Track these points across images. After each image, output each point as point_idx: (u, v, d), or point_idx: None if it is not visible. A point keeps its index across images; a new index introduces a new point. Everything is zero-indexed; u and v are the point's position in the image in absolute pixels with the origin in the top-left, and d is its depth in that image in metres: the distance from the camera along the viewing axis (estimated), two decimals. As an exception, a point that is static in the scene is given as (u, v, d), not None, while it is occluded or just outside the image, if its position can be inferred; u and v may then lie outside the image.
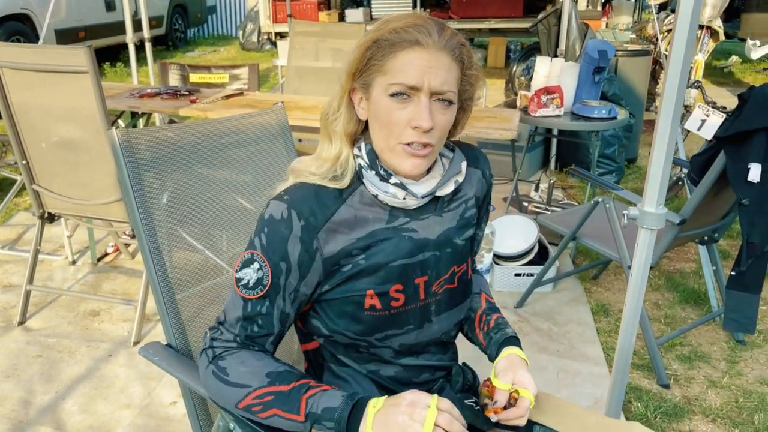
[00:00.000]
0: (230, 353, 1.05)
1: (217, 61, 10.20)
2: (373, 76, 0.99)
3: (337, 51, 4.35)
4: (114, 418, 2.08)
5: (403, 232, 1.07)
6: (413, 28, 0.96)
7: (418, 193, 1.04)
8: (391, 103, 0.98)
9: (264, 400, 1.00)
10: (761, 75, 8.37)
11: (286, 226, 1.00)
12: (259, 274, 1.02)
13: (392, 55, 0.97)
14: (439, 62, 0.97)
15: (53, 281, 3.00)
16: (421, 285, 1.10)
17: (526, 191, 4.13)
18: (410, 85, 0.96)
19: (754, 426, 2.10)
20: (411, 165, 1.01)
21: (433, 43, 0.96)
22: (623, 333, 1.58)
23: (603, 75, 3.20)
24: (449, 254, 1.12)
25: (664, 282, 3.08)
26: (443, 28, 0.99)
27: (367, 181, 1.05)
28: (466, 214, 1.15)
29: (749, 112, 1.91)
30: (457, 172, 1.09)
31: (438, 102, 0.99)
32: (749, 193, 1.96)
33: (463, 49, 1.00)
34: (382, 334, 1.09)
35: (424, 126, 0.96)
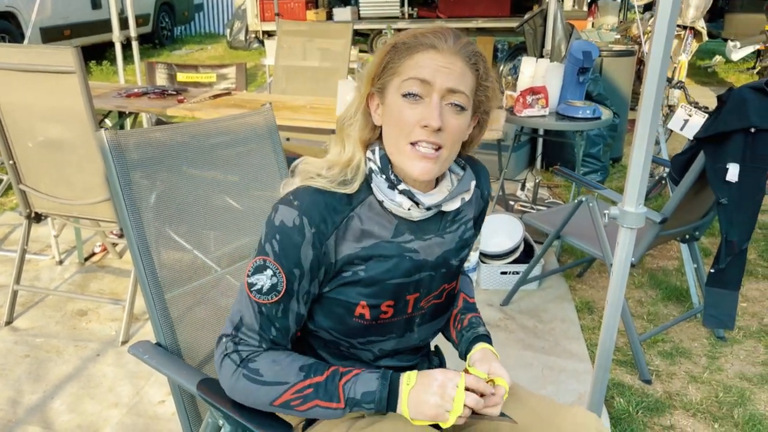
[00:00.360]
0: (258, 355, 1.06)
1: (204, 59, 10.16)
2: (389, 78, 1.02)
3: (325, 51, 4.36)
4: (102, 417, 2.09)
5: (405, 252, 1.09)
6: (431, 33, 1.00)
7: (425, 203, 1.06)
8: (403, 102, 1.00)
9: (303, 393, 1.03)
10: (744, 75, 8.48)
11: (299, 233, 1.02)
12: (273, 280, 1.04)
13: (408, 57, 1.00)
14: (454, 65, 0.99)
15: (40, 281, 3.00)
16: (411, 301, 1.13)
17: (512, 190, 4.17)
18: (422, 78, 0.99)
19: (733, 420, 2.15)
20: (421, 168, 1.02)
21: (448, 48, 0.99)
22: (605, 330, 1.62)
23: (587, 75, 3.24)
24: (443, 274, 1.15)
25: (647, 279, 3.13)
26: (460, 36, 1.02)
27: (375, 186, 1.06)
28: (465, 235, 1.17)
29: (727, 114, 1.95)
30: (465, 190, 1.11)
31: (449, 105, 1.01)
32: (727, 193, 2.01)
33: (479, 58, 1.02)
34: (365, 339, 1.13)
35: (433, 125, 0.98)
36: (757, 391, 2.30)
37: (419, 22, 9.16)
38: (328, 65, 4.30)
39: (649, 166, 1.48)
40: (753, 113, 1.94)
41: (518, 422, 1.17)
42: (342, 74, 4.22)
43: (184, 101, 3.13)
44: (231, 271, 1.53)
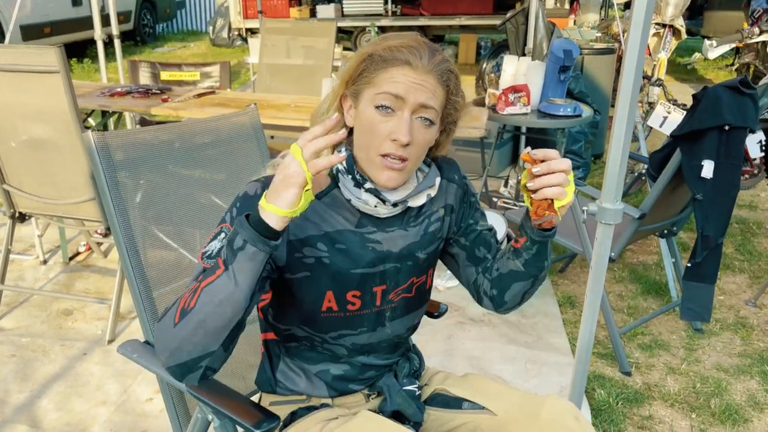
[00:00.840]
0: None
1: (187, 57, 10.11)
2: (363, 87, 1.05)
3: (309, 48, 4.38)
4: (90, 415, 2.10)
5: (367, 242, 1.12)
6: (407, 49, 1.03)
7: (390, 199, 1.09)
8: (375, 114, 1.03)
9: (192, 289, 0.97)
10: (723, 72, 8.61)
11: (258, 198, 1.01)
12: (223, 242, 1.03)
13: (383, 70, 1.03)
14: (426, 82, 1.03)
15: (25, 281, 2.99)
16: (378, 293, 1.16)
17: (495, 187, 4.22)
18: (395, 94, 1.02)
19: (710, 410, 2.21)
20: (386, 177, 1.05)
21: (423, 66, 1.02)
22: (584, 323, 1.66)
23: (568, 74, 3.29)
24: (410, 266, 1.18)
25: (627, 274, 3.19)
26: (435, 53, 1.04)
27: (342, 185, 1.10)
28: (430, 228, 1.20)
29: (702, 112, 2.01)
30: (430, 186, 1.14)
31: (419, 120, 1.04)
32: (703, 189, 2.06)
33: (451, 75, 1.06)
34: (336, 333, 1.16)
35: (402, 140, 1.02)
36: (733, 381, 2.37)
37: (403, 19, 9.18)
38: (312, 63, 4.32)
39: (626, 164, 1.53)
40: (727, 111, 2.00)
41: (497, 414, 1.21)
42: (326, 72, 4.23)
43: (169, 100, 3.13)
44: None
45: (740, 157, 2.06)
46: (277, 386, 1.23)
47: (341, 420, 1.15)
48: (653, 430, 2.11)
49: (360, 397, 1.25)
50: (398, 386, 1.25)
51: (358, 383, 1.23)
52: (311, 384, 1.21)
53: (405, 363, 1.29)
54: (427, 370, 1.38)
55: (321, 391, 1.21)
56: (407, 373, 1.28)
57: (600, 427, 2.09)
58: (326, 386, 1.21)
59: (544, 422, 1.16)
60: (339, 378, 1.21)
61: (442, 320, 2.67)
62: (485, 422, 1.21)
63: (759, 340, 2.64)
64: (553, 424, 1.16)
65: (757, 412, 2.20)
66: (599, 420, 2.13)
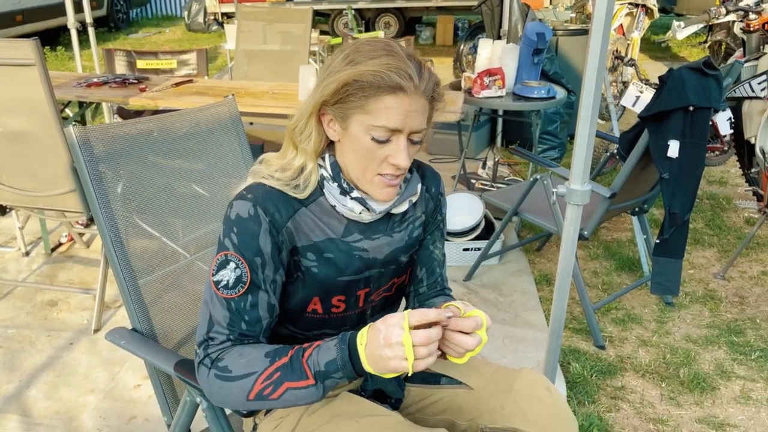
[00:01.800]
0: (226, 352, 1.08)
1: (162, 43, 10.00)
2: (353, 111, 1.04)
3: (286, 34, 4.38)
4: (79, 403, 2.15)
5: (354, 250, 1.16)
6: (395, 72, 1.00)
7: (376, 209, 1.13)
8: (371, 143, 1.05)
9: (272, 379, 1.02)
10: (696, 49, 8.72)
11: (255, 222, 1.07)
12: (237, 272, 1.07)
13: (375, 98, 1.02)
14: (418, 105, 1.04)
15: (7, 273, 3.00)
16: (362, 296, 1.21)
17: (474, 169, 4.28)
18: (393, 128, 1.03)
19: (679, 379, 2.31)
20: (387, 194, 1.10)
21: (415, 89, 1.02)
22: (556, 300, 1.73)
23: (542, 56, 3.34)
24: (393, 270, 1.24)
25: (602, 251, 3.28)
26: (421, 70, 1.04)
27: (327, 192, 1.13)
28: (414, 233, 1.25)
29: (667, 94, 2.08)
30: (413, 193, 1.19)
31: (410, 140, 1.08)
32: (669, 168, 2.14)
33: (436, 87, 1.08)
34: (320, 332, 1.21)
35: (403, 165, 1.06)
36: (701, 351, 2.47)
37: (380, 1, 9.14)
38: (289, 48, 4.32)
39: (593, 146, 1.59)
40: (691, 92, 2.07)
41: (474, 388, 1.27)
42: (303, 57, 4.25)
43: (146, 90, 3.14)
44: (200, 257, 1.59)
45: (705, 136, 2.14)
46: None
47: (324, 401, 1.20)
48: (625, 399, 2.20)
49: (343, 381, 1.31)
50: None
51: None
52: None
53: None
54: None
55: None
56: None
57: (575, 399, 2.18)
58: None
59: (517, 394, 1.24)
60: None
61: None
62: (462, 396, 1.28)
63: (727, 311, 2.75)
64: (526, 395, 1.24)
65: (724, 381, 2.30)
66: (574, 392, 2.22)
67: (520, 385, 1.25)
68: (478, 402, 1.26)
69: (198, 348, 1.12)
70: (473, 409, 1.26)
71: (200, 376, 1.11)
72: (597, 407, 2.15)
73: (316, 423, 1.16)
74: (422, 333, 0.94)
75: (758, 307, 2.78)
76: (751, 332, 2.59)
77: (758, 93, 2.71)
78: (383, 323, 0.97)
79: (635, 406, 2.17)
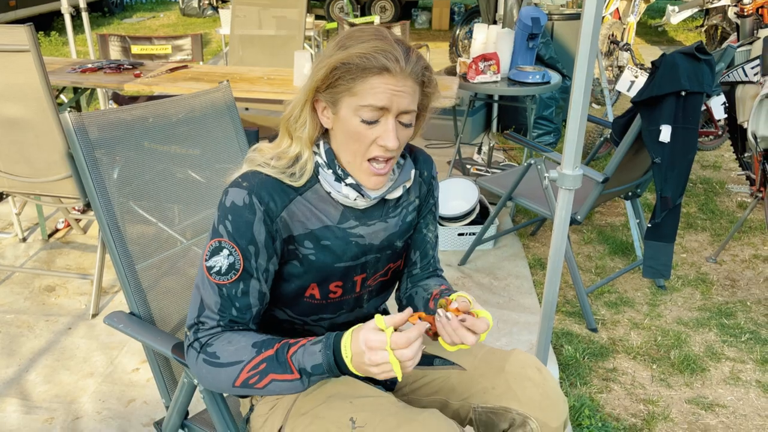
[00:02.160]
0: (216, 338, 1.11)
1: (156, 28, 9.93)
2: (342, 95, 1.06)
3: (281, 19, 4.36)
4: (79, 386, 2.17)
5: (350, 237, 1.17)
6: (381, 53, 1.02)
7: (371, 195, 1.15)
8: (360, 125, 1.06)
9: (258, 369, 1.05)
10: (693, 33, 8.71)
11: (250, 211, 1.08)
12: (230, 259, 1.09)
13: (362, 80, 1.04)
14: (406, 87, 1.05)
15: (5, 259, 3.02)
16: (359, 281, 1.23)
17: (469, 154, 4.29)
18: (380, 106, 1.04)
19: (670, 361, 2.35)
20: (374, 182, 1.12)
21: (401, 70, 1.03)
22: (548, 283, 1.76)
23: (537, 41, 3.35)
24: (389, 255, 1.25)
25: (596, 235, 3.31)
26: (409, 53, 1.05)
27: (322, 179, 1.14)
28: (408, 218, 1.26)
29: (660, 79, 2.09)
30: (406, 179, 1.21)
31: (400, 122, 1.08)
32: (661, 152, 2.16)
33: (426, 72, 1.09)
34: (317, 317, 1.23)
35: (391, 146, 1.06)
36: (692, 333, 2.51)
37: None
38: (284, 33, 4.31)
39: (585, 131, 1.61)
40: (683, 77, 2.08)
41: (467, 369, 1.30)
42: (298, 42, 4.24)
43: (141, 76, 3.13)
44: (197, 242, 1.61)
45: (697, 121, 2.16)
46: None
47: (319, 382, 1.23)
48: (616, 381, 2.24)
49: None
50: None
51: None
52: None
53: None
54: None
55: None
56: None
57: (567, 381, 2.22)
58: None
59: (508, 374, 1.27)
60: None
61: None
62: (455, 376, 1.31)
63: (718, 294, 2.78)
64: (516, 376, 1.27)
65: (713, 362, 2.34)
66: (566, 374, 2.26)
67: (511, 366, 1.28)
68: (470, 382, 1.29)
69: (188, 331, 1.14)
70: (465, 390, 1.29)
71: (189, 359, 1.13)
72: (589, 389, 2.19)
73: (311, 404, 1.19)
74: (407, 352, 0.96)
75: (749, 289, 2.82)
76: (742, 315, 2.63)
77: (751, 78, 2.72)
78: (366, 345, 0.97)
79: (626, 388, 2.21)
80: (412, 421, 1.08)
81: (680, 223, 3.40)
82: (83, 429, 1.98)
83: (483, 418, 1.28)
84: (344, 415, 1.13)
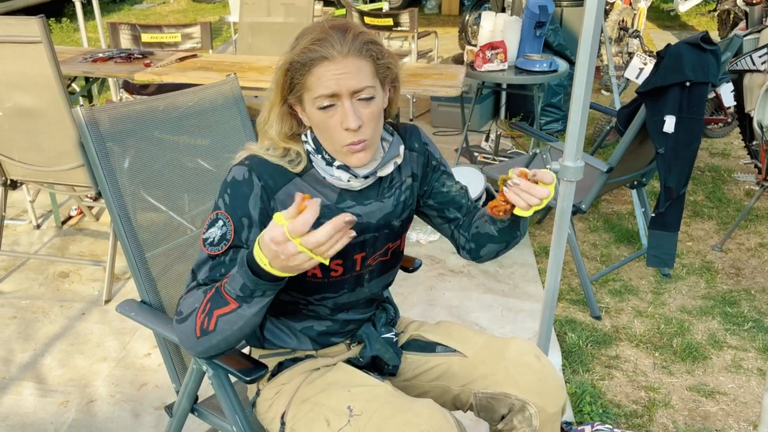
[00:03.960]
0: (184, 297, 1.13)
1: (166, 14, 9.95)
2: (302, 92, 1.11)
3: (289, 6, 4.37)
4: (93, 370, 2.24)
5: None
6: (317, 44, 1.06)
7: (360, 173, 1.18)
8: (321, 114, 1.10)
9: (206, 311, 1.06)
10: (705, 18, 8.61)
11: (248, 185, 1.13)
12: (223, 230, 1.12)
13: (309, 74, 1.08)
14: (348, 67, 1.07)
15: (20, 245, 3.08)
16: (358, 260, 1.26)
17: (477, 141, 4.30)
18: (329, 93, 1.08)
19: (672, 349, 2.37)
20: (356, 160, 1.14)
21: (338, 53, 1.06)
22: (550, 272, 1.79)
23: (544, 29, 3.34)
24: (386, 234, 1.28)
25: (602, 224, 3.33)
26: (345, 33, 1.07)
27: (315, 164, 1.18)
28: (401, 197, 1.29)
29: (665, 69, 2.10)
30: (395, 155, 1.23)
31: (359, 101, 1.11)
32: (665, 143, 2.17)
33: (369, 46, 1.09)
34: (320, 296, 1.26)
35: (352, 126, 1.09)
36: (695, 322, 2.53)
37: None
38: (292, 20, 4.32)
39: (586, 123, 1.62)
40: (688, 68, 2.08)
41: (468, 356, 1.34)
42: (307, 30, 4.25)
43: (151, 65, 3.17)
44: (206, 232, 1.65)
45: (701, 111, 2.16)
46: (265, 342, 1.35)
47: (322, 371, 1.28)
48: (619, 368, 2.27)
49: (342, 347, 1.37)
50: (376, 334, 1.37)
51: (340, 336, 1.35)
52: (297, 339, 1.32)
53: (382, 313, 1.42)
54: (402, 319, 1.50)
55: (306, 345, 1.33)
56: (384, 322, 1.41)
57: (570, 368, 2.25)
58: (310, 341, 1.33)
59: (508, 361, 1.31)
60: (322, 333, 1.32)
61: (423, 272, 2.81)
62: (456, 363, 1.35)
63: (722, 283, 2.80)
64: (516, 363, 1.31)
65: (716, 350, 2.37)
66: (569, 361, 2.29)
67: (510, 353, 1.32)
68: (471, 369, 1.33)
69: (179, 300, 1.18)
70: (466, 376, 1.33)
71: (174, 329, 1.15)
72: (591, 375, 2.22)
73: (312, 391, 1.23)
74: (312, 239, 0.91)
75: (753, 278, 2.83)
76: (746, 303, 2.64)
77: (759, 66, 2.71)
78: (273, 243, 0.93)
79: (628, 375, 2.24)
80: (407, 410, 1.12)
81: (687, 211, 3.41)
82: (97, 412, 2.05)
83: (483, 404, 1.32)
84: (342, 403, 1.18)
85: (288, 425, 1.25)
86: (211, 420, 1.44)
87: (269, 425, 1.33)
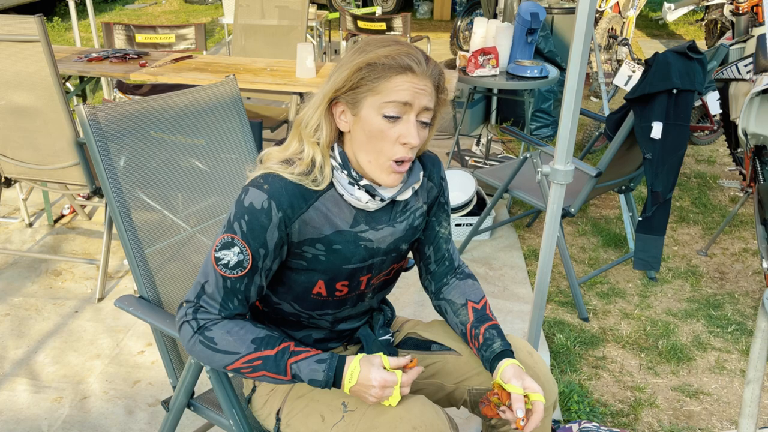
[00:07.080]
0: (214, 324, 1.17)
1: (159, 14, 9.94)
2: (364, 95, 1.11)
3: (283, 8, 4.41)
4: (86, 367, 2.25)
5: (360, 240, 1.22)
6: (405, 56, 1.09)
7: (384, 195, 1.20)
8: (383, 122, 1.11)
9: (253, 364, 1.15)
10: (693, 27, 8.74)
11: (267, 216, 1.12)
12: (240, 257, 1.14)
13: (386, 78, 1.09)
14: (426, 87, 1.11)
15: (12, 243, 3.09)
16: (364, 281, 1.29)
17: (468, 145, 4.35)
18: (404, 102, 1.10)
19: (658, 350, 2.42)
20: (394, 179, 1.16)
21: (423, 71, 1.10)
22: (539, 274, 1.83)
23: (536, 36, 3.40)
24: (394, 257, 1.31)
25: (590, 228, 3.38)
26: (428, 57, 1.13)
27: (336, 181, 1.18)
28: (414, 223, 1.31)
29: (652, 77, 2.15)
30: (415, 181, 1.25)
31: (419, 122, 1.13)
32: (652, 149, 2.22)
33: (441, 76, 1.15)
34: (322, 312, 1.29)
35: (413, 142, 1.11)
36: (680, 324, 2.58)
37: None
38: (286, 23, 4.36)
39: (577, 127, 1.67)
40: (675, 76, 2.14)
41: (462, 354, 1.38)
42: (300, 32, 4.29)
43: (146, 65, 3.19)
44: (201, 230, 1.68)
45: (687, 118, 2.22)
46: None
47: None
48: (605, 368, 2.32)
49: (339, 349, 1.41)
50: (374, 337, 1.40)
51: (337, 342, 1.39)
52: None
53: (379, 315, 1.44)
54: (397, 319, 1.54)
55: None
56: (382, 324, 1.43)
57: (558, 368, 2.30)
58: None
59: None
60: (320, 340, 1.35)
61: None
62: (451, 361, 1.38)
63: (707, 286, 2.86)
64: None
65: (700, 351, 2.42)
66: (557, 361, 2.33)
67: None
68: (465, 366, 1.37)
69: (186, 305, 1.20)
70: (461, 373, 1.37)
71: (183, 334, 1.19)
72: (578, 375, 2.27)
73: (307, 387, 1.27)
74: (406, 390, 1.17)
75: (737, 282, 2.89)
76: (729, 306, 2.70)
77: (744, 75, 2.78)
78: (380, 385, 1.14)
79: (615, 375, 2.29)
80: (399, 407, 1.15)
81: (673, 216, 3.48)
82: (91, 408, 2.06)
83: (477, 399, 1.36)
84: (337, 399, 1.22)
85: (283, 421, 1.29)
86: (207, 415, 1.47)
87: (265, 421, 1.36)
